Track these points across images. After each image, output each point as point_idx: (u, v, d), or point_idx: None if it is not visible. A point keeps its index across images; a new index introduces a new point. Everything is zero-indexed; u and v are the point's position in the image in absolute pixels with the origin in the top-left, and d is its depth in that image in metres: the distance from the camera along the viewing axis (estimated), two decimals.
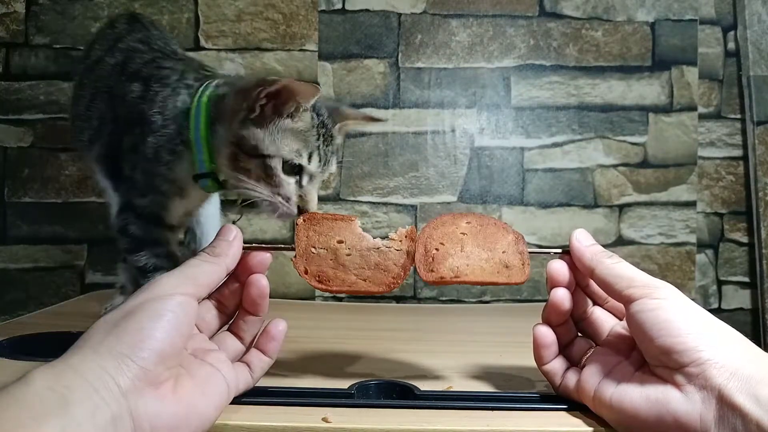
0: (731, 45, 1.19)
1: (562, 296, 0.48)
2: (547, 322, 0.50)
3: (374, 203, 1.17)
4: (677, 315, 0.42)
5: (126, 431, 0.35)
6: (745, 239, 1.20)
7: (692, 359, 0.39)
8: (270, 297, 0.49)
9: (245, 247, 0.48)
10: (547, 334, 0.49)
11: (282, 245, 0.52)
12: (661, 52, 1.19)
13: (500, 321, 0.99)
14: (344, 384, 0.52)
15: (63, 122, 1.15)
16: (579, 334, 0.52)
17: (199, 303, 0.44)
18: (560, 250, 0.50)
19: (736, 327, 0.42)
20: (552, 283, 0.49)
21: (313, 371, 0.58)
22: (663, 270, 1.18)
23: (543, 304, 0.50)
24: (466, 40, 1.18)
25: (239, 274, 0.49)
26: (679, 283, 1.18)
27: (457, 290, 1.18)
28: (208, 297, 0.49)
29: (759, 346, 0.41)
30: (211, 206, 0.88)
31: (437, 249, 0.50)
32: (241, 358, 0.49)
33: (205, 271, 0.44)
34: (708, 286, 1.20)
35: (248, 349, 0.49)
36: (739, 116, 1.19)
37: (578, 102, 1.18)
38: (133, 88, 0.71)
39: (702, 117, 1.19)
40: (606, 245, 0.66)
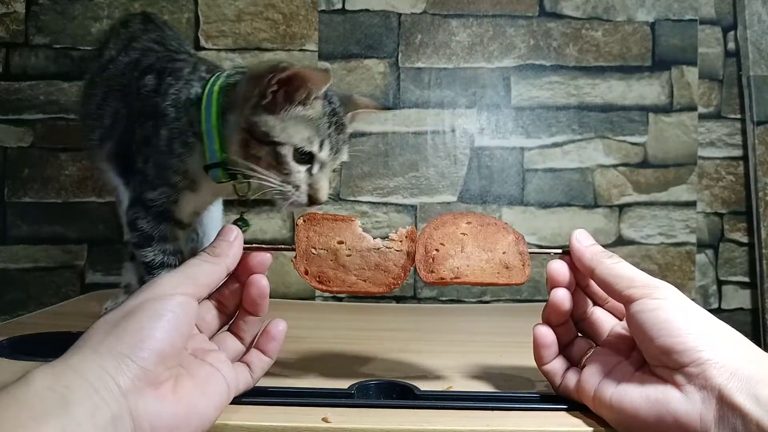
0: (731, 45, 1.19)
1: (562, 296, 0.48)
2: (547, 322, 0.50)
3: (374, 203, 1.17)
4: (677, 315, 0.42)
5: (126, 431, 0.35)
6: (745, 239, 1.20)
7: (692, 359, 0.39)
8: (270, 297, 0.49)
9: (245, 248, 0.48)
10: (547, 334, 0.49)
11: (282, 245, 0.52)
12: (661, 52, 1.19)
13: (500, 321, 0.99)
14: (344, 384, 0.52)
15: (63, 122, 1.15)
16: (579, 334, 0.52)
17: (200, 303, 0.44)
18: (560, 251, 0.50)
19: (736, 327, 0.42)
20: (552, 284, 0.49)
21: (313, 371, 0.58)
22: (663, 270, 1.18)
23: (543, 304, 0.50)
24: (466, 40, 1.18)
25: (239, 275, 0.49)
26: (679, 283, 1.18)
27: (457, 290, 1.18)
28: (209, 297, 0.49)
29: (759, 346, 0.41)
30: (214, 206, 0.88)
31: (437, 250, 0.49)
32: (241, 358, 0.49)
33: (206, 271, 0.44)
34: (708, 286, 1.20)
35: (248, 349, 0.49)
36: (739, 116, 1.19)
37: (578, 102, 1.18)
38: (147, 81, 0.71)
39: (702, 117, 1.19)
40: (606, 245, 0.66)
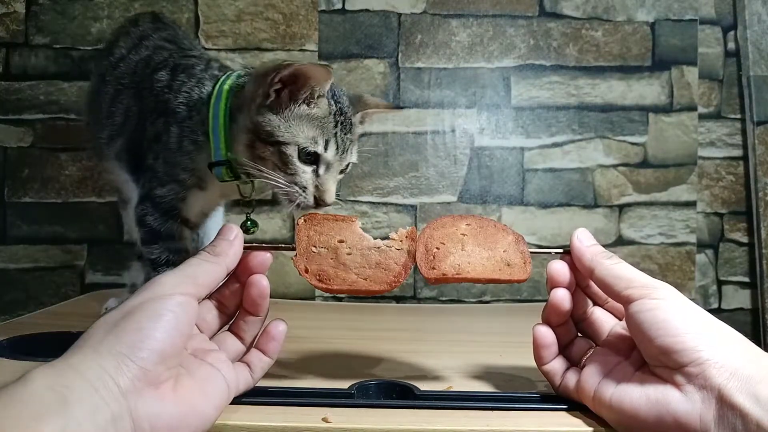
0: (731, 45, 1.19)
1: (562, 296, 0.48)
2: (547, 323, 0.50)
3: (374, 203, 1.17)
4: (676, 315, 0.42)
5: (126, 431, 0.35)
6: (745, 239, 1.20)
7: (691, 359, 0.39)
8: (270, 297, 0.49)
9: (246, 247, 0.48)
10: (547, 335, 0.49)
11: (282, 245, 0.52)
12: (661, 52, 1.19)
13: (500, 321, 0.99)
14: (344, 384, 0.52)
15: (63, 122, 1.15)
16: (579, 335, 0.52)
17: (200, 303, 0.44)
18: (561, 250, 0.50)
19: (736, 327, 0.42)
20: (552, 284, 0.49)
21: (313, 371, 0.58)
22: (663, 270, 1.18)
23: (543, 304, 0.50)
24: (466, 40, 1.18)
25: (240, 275, 0.49)
26: (679, 283, 1.18)
27: (457, 290, 1.18)
28: (209, 297, 0.49)
29: (759, 346, 0.41)
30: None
31: (438, 248, 0.50)
32: (242, 359, 0.49)
33: (206, 271, 0.44)
34: (708, 286, 1.20)
35: (248, 349, 0.49)
36: (739, 116, 1.19)
37: (578, 102, 1.18)
38: (160, 77, 0.71)
39: (702, 117, 1.19)
40: (606, 245, 0.66)
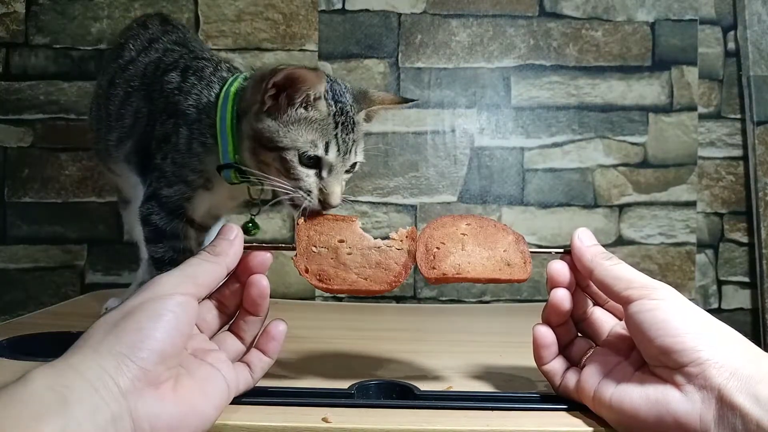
0: (731, 45, 1.19)
1: (562, 297, 0.48)
2: (547, 323, 0.50)
3: (374, 203, 1.17)
4: (675, 315, 0.42)
5: (126, 431, 0.35)
6: (745, 239, 1.20)
7: (691, 359, 0.39)
8: (270, 297, 0.49)
9: (246, 247, 0.48)
10: (547, 335, 0.49)
11: (282, 245, 0.52)
12: (661, 52, 1.19)
13: (500, 321, 0.99)
14: (344, 384, 0.52)
15: (63, 122, 1.15)
16: (579, 335, 0.52)
17: (200, 303, 0.44)
18: (561, 250, 0.50)
19: (736, 327, 0.42)
20: (552, 284, 0.49)
21: (313, 371, 0.58)
22: (663, 270, 1.18)
23: (543, 304, 0.50)
24: (466, 40, 1.18)
25: (240, 275, 0.49)
26: (679, 283, 1.18)
27: (457, 290, 1.18)
28: (209, 297, 0.49)
29: (759, 346, 0.41)
30: None
31: (438, 248, 0.50)
32: (242, 358, 0.49)
33: (206, 271, 0.44)
34: (708, 286, 1.20)
35: (248, 349, 0.49)
36: (739, 116, 1.19)
37: (578, 102, 1.18)
38: (170, 79, 0.71)
39: (702, 117, 1.19)
40: (606, 245, 0.66)
